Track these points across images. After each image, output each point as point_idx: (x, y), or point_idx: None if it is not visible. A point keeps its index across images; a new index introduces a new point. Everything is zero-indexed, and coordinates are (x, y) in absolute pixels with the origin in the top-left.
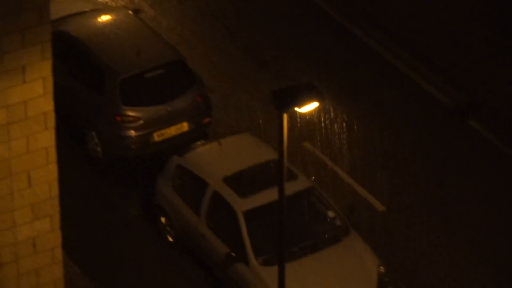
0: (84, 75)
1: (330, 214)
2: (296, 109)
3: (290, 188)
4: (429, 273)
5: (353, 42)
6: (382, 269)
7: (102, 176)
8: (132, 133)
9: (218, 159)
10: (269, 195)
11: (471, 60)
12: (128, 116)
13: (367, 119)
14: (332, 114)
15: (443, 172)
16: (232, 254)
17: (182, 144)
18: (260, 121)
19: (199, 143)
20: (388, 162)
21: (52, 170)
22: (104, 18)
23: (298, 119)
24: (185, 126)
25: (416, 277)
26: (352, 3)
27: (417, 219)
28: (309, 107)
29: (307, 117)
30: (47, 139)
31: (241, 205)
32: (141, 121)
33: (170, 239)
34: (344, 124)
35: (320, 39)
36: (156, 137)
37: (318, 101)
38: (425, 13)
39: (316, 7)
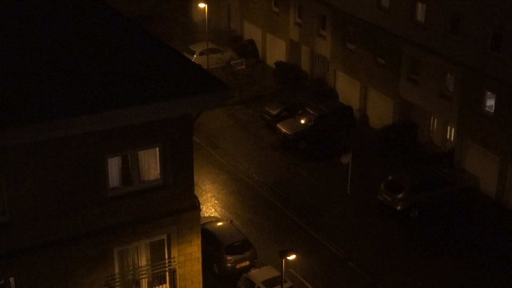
0: (210, 243)
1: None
2: (287, 257)
3: (284, 284)
4: None
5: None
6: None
7: (219, 281)
8: (229, 265)
9: (260, 275)
10: None
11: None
12: (228, 259)
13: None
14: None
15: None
16: None
17: (248, 269)
18: (276, 260)
19: (252, 269)
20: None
21: (200, 279)
22: (218, 224)
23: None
24: (247, 262)
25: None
26: None
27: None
28: (292, 257)
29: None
30: (198, 266)
31: None
32: (232, 260)
33: None
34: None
35: None
36: (237, 266)
37: (295, 254)
38: None
39: None
